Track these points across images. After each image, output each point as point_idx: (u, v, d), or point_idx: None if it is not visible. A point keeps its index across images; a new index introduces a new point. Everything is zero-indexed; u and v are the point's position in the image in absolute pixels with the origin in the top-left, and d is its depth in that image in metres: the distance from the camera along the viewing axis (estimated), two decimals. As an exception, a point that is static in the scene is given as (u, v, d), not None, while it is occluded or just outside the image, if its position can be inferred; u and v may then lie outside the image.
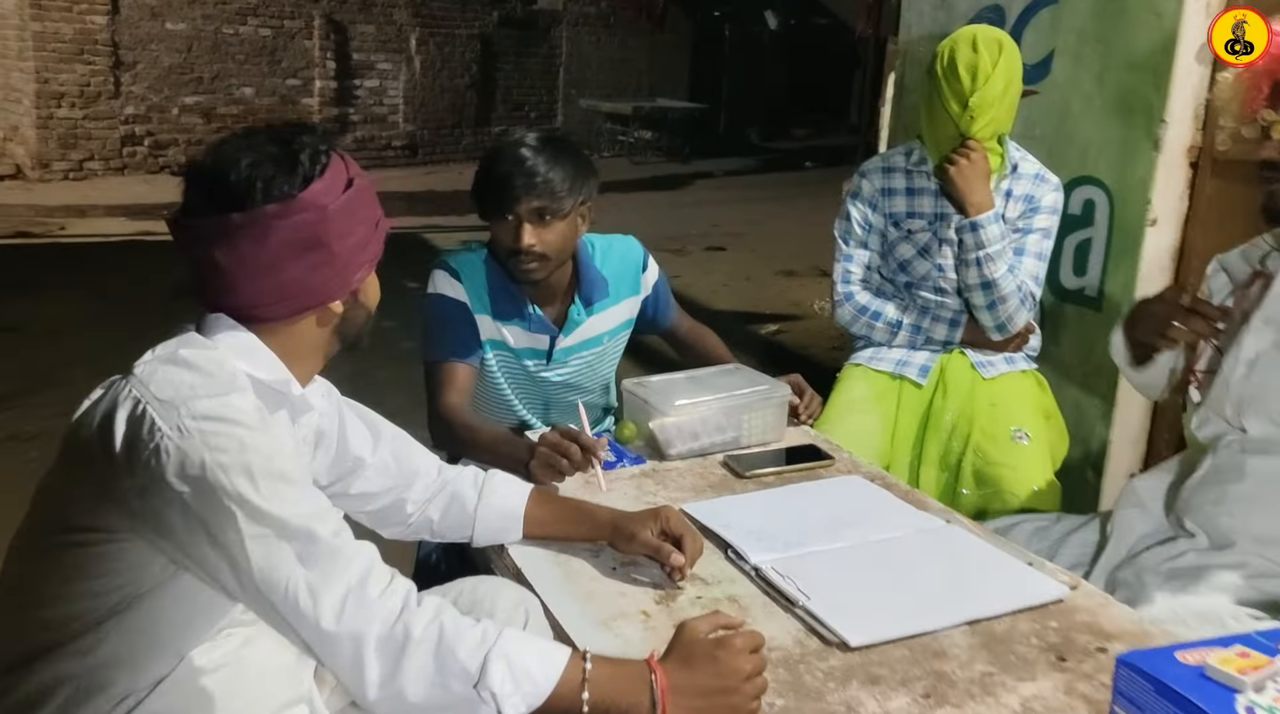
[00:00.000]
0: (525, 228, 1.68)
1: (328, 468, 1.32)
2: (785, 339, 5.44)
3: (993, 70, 2.00)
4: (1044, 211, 2.15)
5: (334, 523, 1.05)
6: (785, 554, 1.37)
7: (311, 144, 1.12)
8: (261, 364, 1.12)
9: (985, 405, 2.10)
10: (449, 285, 1.81)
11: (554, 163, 1.68)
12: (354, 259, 1.14)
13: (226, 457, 1.00)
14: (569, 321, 1.85)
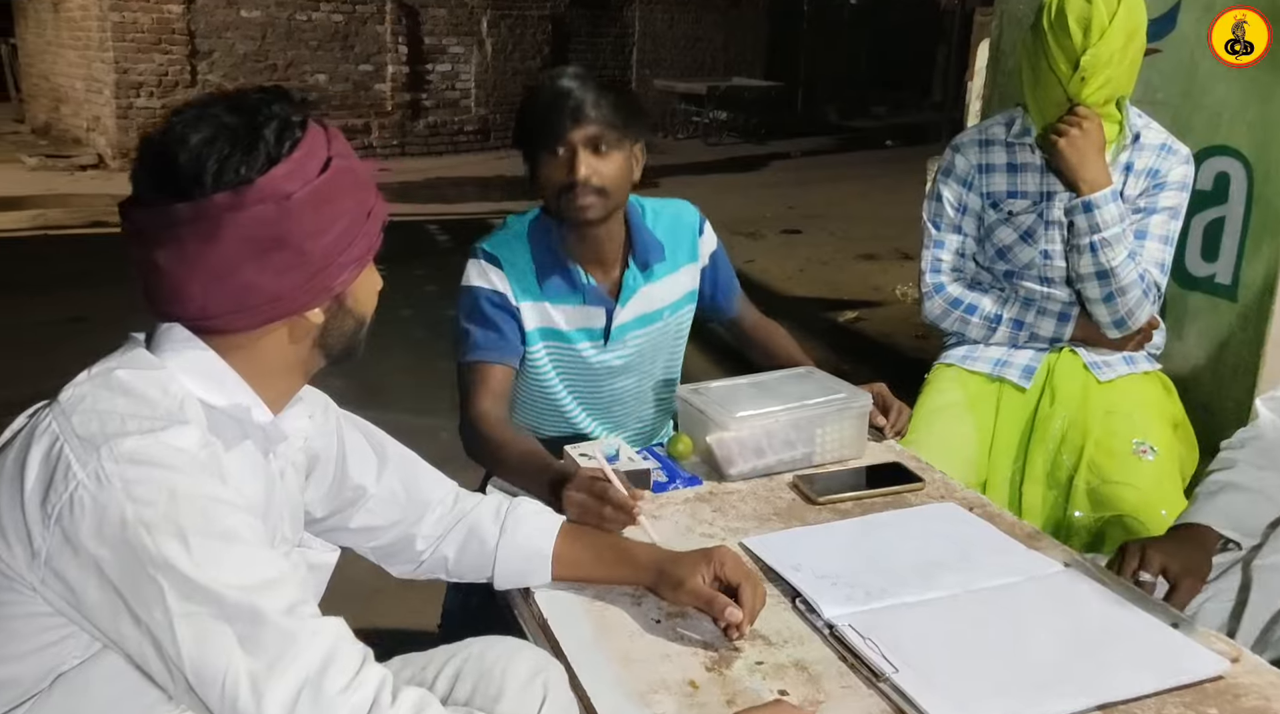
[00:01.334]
0: (580, 157, 1.50)
1: (323, 498, 1.14)
2: (865, 327, 5.17)
3: (1109, 23, 1.73)
4: (1171, 188, 1.87)
5: (289, 595, 0.84)
6: (867, 606, 1.13)
7: (280, 115, 0.92)
8: (217, 387, 0.94)
9: (1101, 413, 1.82)
10: (483, 275, 1.63)
11: (603, 90, 1.53)
12: (333, 259, 0.94)
13: (152, 511, 0.81)
14: (625, 289, 1.64)
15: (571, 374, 1.70)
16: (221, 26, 9.02)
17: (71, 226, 6.90)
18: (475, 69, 10.67)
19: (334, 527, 1.16)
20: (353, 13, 9.76)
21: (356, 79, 9.93)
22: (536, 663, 1.05)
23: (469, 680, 1.04)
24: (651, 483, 1.45)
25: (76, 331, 4.54)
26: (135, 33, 8.57)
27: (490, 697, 1.02)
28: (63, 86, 9.60)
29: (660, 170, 9.12)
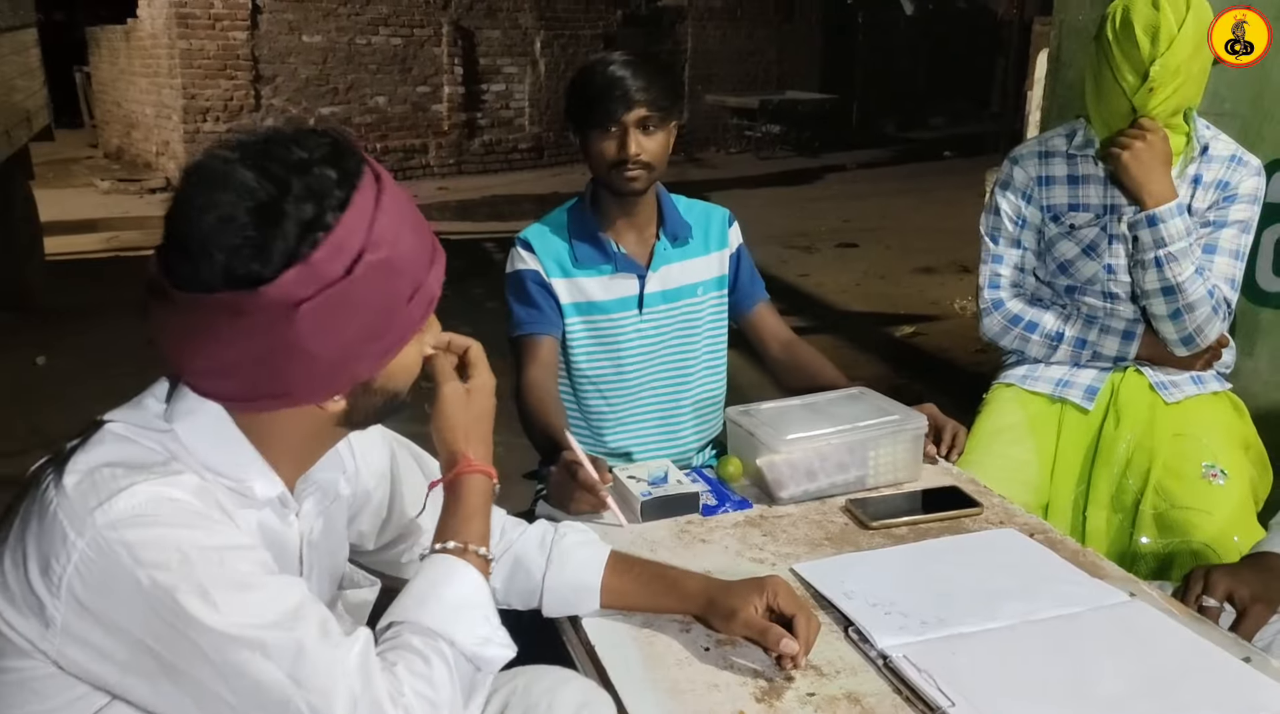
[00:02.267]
0: (631, 135, 1.68)
1: (374, 533, 1.14)
2: (923, 342, 5.09)
3: (1178, 31, 1.68)
4: (1241, 201, 1.81)
5: (316, 616, 0.84)
6: (922, 637, 1.10)
7: (318, 190, 0.81)
8: (222, 454, 0.89)
9: (1169, 435, 1.76)
10: (521, 259, 1.80)
11: (652, 76, 1.70)
12: (354, 354, 0.86)
13: (167, 575, 0.79)
14: (656, 257, 1.81)
15: (610, 349, 1.79)
16: (284, 52, 9.28)
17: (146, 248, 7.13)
18: (529, 88, 10.82)
19: (386, 560, 1.17)
20: (410, 36, 9.98)
21: (414, 100, 10.14)
22: (584, 695, 1.05)
23: (519, 705, 1.04)
24: (701, 506, 1.44)
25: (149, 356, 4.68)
26: (202, 59, 8.85)
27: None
28: (134, 113, 9.95)
29: (711, 184, 9.12)
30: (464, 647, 0.89)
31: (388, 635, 0.89)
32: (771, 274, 6.20)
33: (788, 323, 1.93)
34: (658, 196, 1.81)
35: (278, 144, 0.83)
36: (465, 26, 10.25)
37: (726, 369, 1.90)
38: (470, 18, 10.29)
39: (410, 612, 0.90)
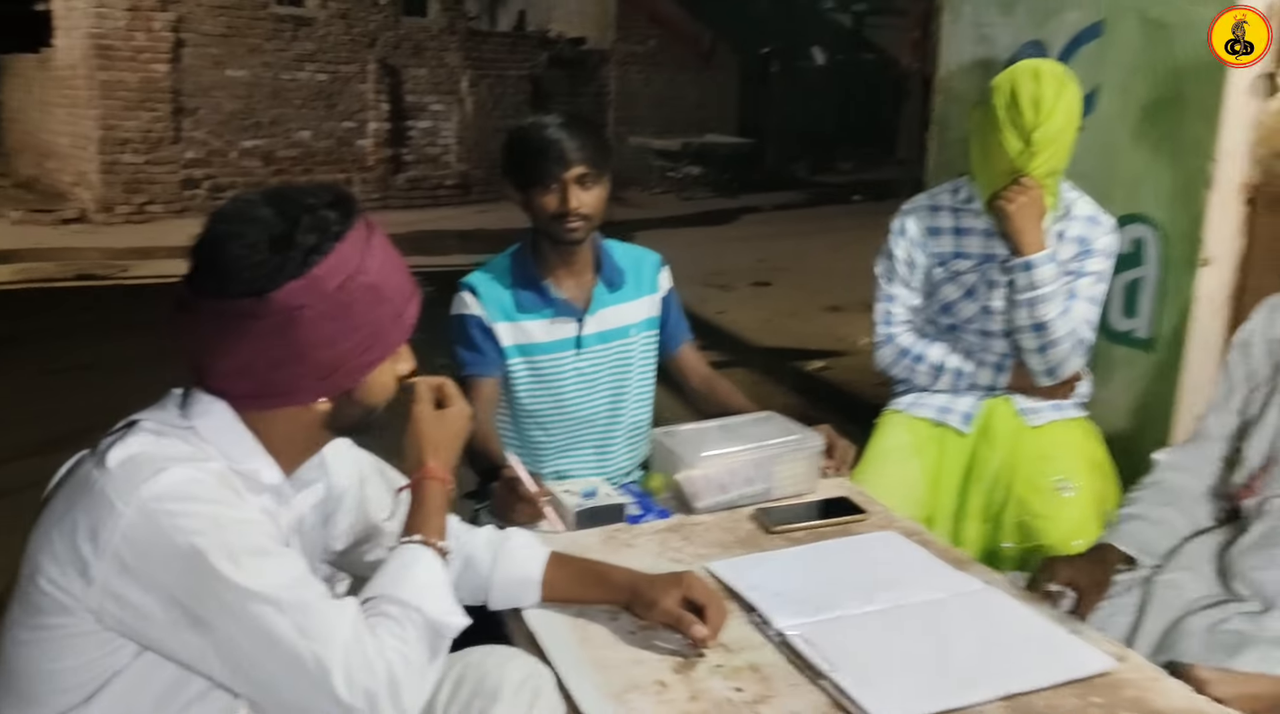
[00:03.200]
0: (571, 191, 1.81)
1: (344, 533, 1.30)
2: (830, 375, 5.36)
3: (1056, 104, 1.93)
4: (1098, 255, 2.06)
5: (318, 583, 1.03)
6: (813, 619, 1.31)
7: (321, 224, 1.03)
8: (233, 448, 1.08)
9: (1029, 455, 2.01)
10: (465, 304, 1.92)
11: (587, 134, 1.84)
12: (343, 363, 1.06)
13: (203, 539, 0.97)
14: (594, 301, 1.94)
15: (550, 386, 1.93)
16: (208, 86, 9.25)
17: (59, 279, 7.02)
18: (456, 126, 10.95)
19: (352, 560, 1.32)
20: (336, 72, 10.04)
21: (340, 135, 10.17)
22: (528, 669, 1.21)
23: (469, 684, 1.20)
24: (626, 515, 1.63)
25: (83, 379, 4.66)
26: (122, 91, 8.77)
27: (488, 697, 1.17)
28: (49, 142, 9.76)
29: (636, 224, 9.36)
30: (430, 615, 1.06)
31: (369, 606, 1.06)
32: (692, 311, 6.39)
33: (706, 357, 2.13)
34: (595, 244, 1.95)
35: (293, 191, 1.06)
36: (392, 64, 10.35)
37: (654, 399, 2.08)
38: (397, 56, 10.40)
39: (387, 587, 1.07)
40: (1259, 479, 1.42)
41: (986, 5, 2.76)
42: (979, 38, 2.79)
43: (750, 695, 1.17)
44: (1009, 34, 2.68)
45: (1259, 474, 1.42)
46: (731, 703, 1.15)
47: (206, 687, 1.04)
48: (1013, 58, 2.57)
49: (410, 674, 1.01)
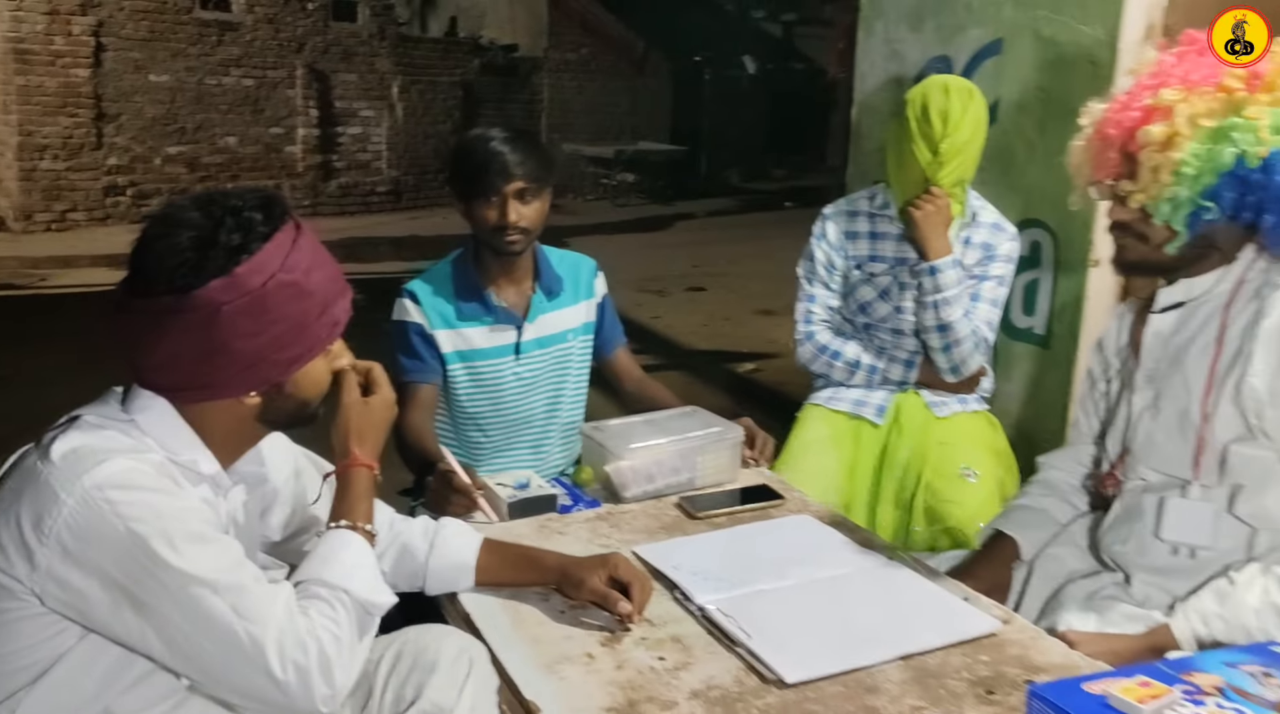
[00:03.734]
0: (511, 205, 1.86)
1: (282, 525, 1.35)
2: (761, 377, 5.51)
3: (963, 118, 2.06)
4: (1000, 260, 2.21)
5: (253, 567, 1.09)
6: (731, 594, 1.40)
7: (246, 225, 1.08)
8: (172, 440, 1.13)
9: (936, 444, 2.15)
10: (405, 311, 1.96)
11: (529, 149, 1.89)
12: (266, 357, 1.11)
13: (144, 526, 1.02)
14: (532, 308, 1.99)
15: (489, 390, 1.99)
16: (129, 91, 9.07)
17: (-26, 288, 6.82)
18: (387, 132, 10.89)
19: (292, 549, 1.37)
20: (263, 78, 9.91)
21: (267, 141, 10.04)
22: (463, 643, 1.28)
23: (408, 659, 1.26)
24: (558, 506, 1.72)
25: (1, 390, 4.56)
26: (41, 96, 8.55)
27: (426, 670, 1.24)
28: (-37, 148, 9.46)
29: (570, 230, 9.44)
30: (358, 595, 1.13)
31: (300, 589, 1.12)
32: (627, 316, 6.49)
33: (641, 361, 2.21)
34: (534, 253, 2.00)
35: (221, 195, 1.12)
36: (320, 69, 10.26)
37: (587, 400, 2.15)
38: (325, 61, 10.31)
39: (316, 571, 1.14)
40: (1118, 467, 1.57)
41: (897, 22, 2.92)
42: (891, 53, 2.95)
43: (672, 663, 1.26)
44: (918, 50, 2.84)
45: (1118, 463, 1.57)
46: (655, 670, 1.25)
47: (150, 668, 1.09)
48: (921, 72, 2.74)
49: (341, 652, 1.07)
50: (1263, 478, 1.40)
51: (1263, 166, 1.35)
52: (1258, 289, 1.43)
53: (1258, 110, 1.36)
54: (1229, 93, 1.37)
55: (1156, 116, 1.40)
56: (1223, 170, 1.36)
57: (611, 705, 1.17)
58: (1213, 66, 1.40)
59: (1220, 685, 0.96)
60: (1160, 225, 1.43)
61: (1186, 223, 1.41)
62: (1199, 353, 1.46)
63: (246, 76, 9.81)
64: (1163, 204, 1.41)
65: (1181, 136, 1.38)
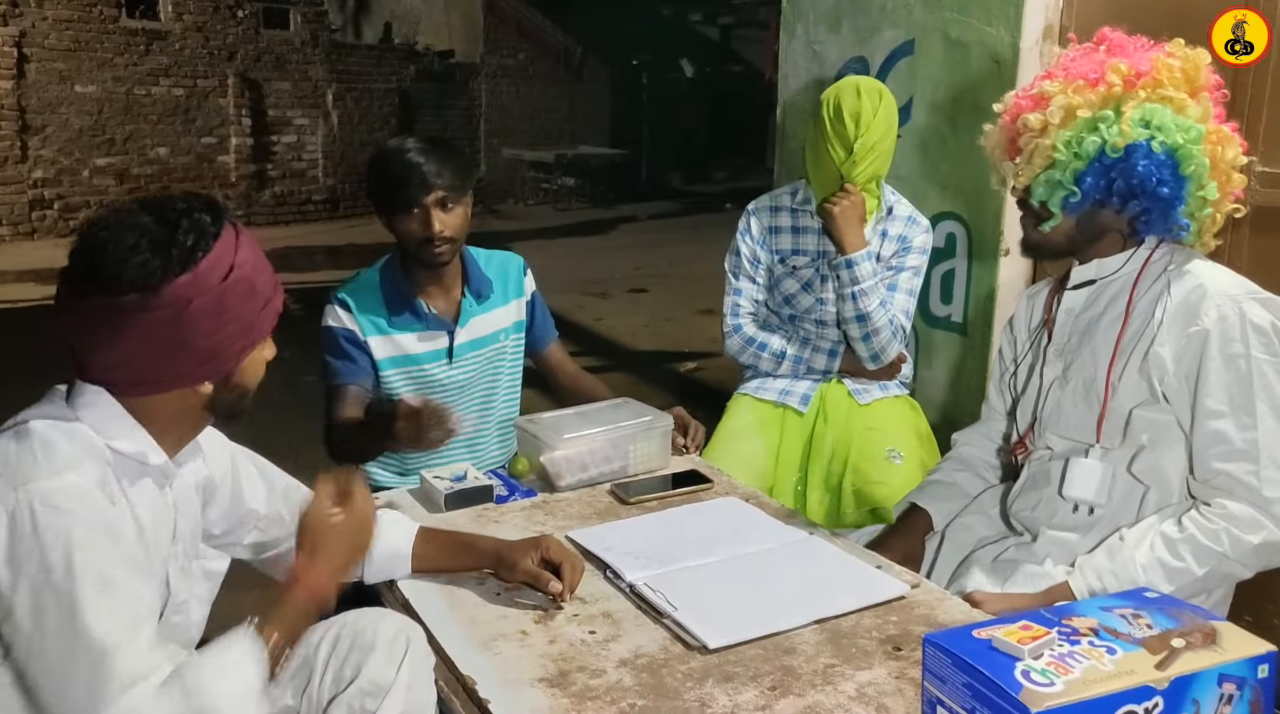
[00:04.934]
0: (434, 215, 1.86)
1: (221, 518, 1.38)
2: (704, 376, 5.59)
3: (874, 118, 2.15)
4: (915, 251, 2.31)
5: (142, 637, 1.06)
6: (659, 571, 1.47)
7: (198, 226, 1.12)
8: (119, 434, 1.15)
9: (861, 429, 2.25)
10: (337, 317, 1.97)
11: (445, 157, 1.89)
12: (222, 349, 1.16)
13: (54, 554, 1.03)
14: (463, 313, 2.01)
15: (423, 393, 1.99)
16: (55, 102, 8.87)
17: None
18: (322, 140, 10.78)
19: (230, 542, 1.40)
20: (194, 87, 9.76)
21: (199, 151, 9.89)
22: (400, 624, 1.33)
23: (347, 640, 1.30)
24: (495, 496, 1.77)
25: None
26: (-39, 108, 8.35)
27: (364, 650, 1.28)
28: (-120, 163, 9.16)
29: (511, 236, 9.45)
30: None
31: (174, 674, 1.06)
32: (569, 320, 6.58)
33: (583, 363, 2.26)
34: (461, 257, 2.02)
35: (166, 200, 1.16)
36: (252, 78, 10.13)
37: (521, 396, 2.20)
38: (258, 69, 10.18)
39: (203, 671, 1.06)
40: (1027, 436, 1.67)
41: (817, 24, 3.03)
42: (811, 54, 3.06)
43: (602, 636, 1.33)
44: (836, 51, 2.96)
45: (1027, 433, 1.68)
46: (585, 643, 1.31)
47: None
48: (840, 72, 2.85)
49: None
50: (1160, 438, 1.51)
51: (1124, 156, 1.46)
52: (1164, 269, 1.53)
53: (1134, 106, 1.46)
54: (1108, 87, 1.47)
55: (1039, 105, 1.51)
56: (1088, 158, 1.47)
57: (544, 676, 1.23)
58: (1100, 63, 1.50)
59: (1094, 626, 1.05)
60: (1038, 206, 1.54)
61: (1061, 205, 1.52)
62: (1107, 326, 1.56)
63: (176, 86, 9.65)
64: (1037, 186, 1.53)
65: (1053, 125, 1.49)
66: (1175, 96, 1.46)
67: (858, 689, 1.20)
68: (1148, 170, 1.44)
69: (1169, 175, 1.45)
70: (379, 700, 1.24)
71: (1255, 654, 1.02)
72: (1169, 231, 1.51)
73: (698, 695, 1.19)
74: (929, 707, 1.06)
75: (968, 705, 1.01)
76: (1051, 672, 0.98)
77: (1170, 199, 1.46)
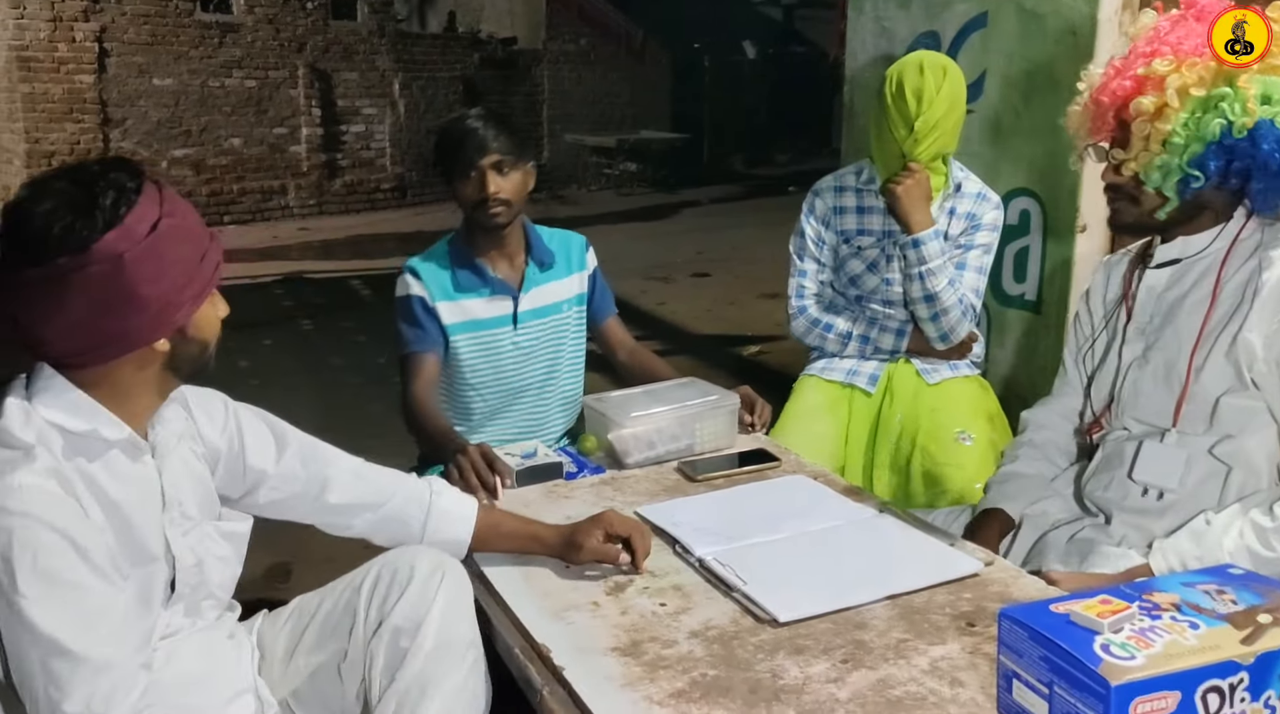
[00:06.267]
0: (489, 176, 1.95)
1: (228, 483, 1.38)
2: (768, 359, 5.57)
3: (937, 95, 2.12)
4: (985, 228, 2.27)
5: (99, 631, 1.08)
6: (728, 546, 1.48)
7: (116, 184, 1.10)
8: (74, 414, 1.15)
9: (928, 410, 2.22)
10: (408, 285, 2.06)
11: (500, 126, 1.99)
12: (171, 300, 1.14)
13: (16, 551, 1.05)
14: (526, 280, 2.08)
15: (491, 359, 2.08)
16: (134, 95, 9.16)
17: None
18: (389, 129, 10.96)
19: (248, 504, 1.41)
20: (265, 79, 9.98)
21: (271, 142, 10.12)
22: (437, 558, 1.35)
23: (386, 578, 1.33)
24: (564, 472, 1.80)
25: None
26: (46, 103, 8.65)
27: (401, 585, 1.31)
28: (-28, 157, 9.59)
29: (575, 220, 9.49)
30: None
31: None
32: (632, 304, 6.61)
33: (647, 347, 2.30)
34: (524, 229, 2.09)
35: (77, 166, 1.16)
36: (321, 69, 10.33)
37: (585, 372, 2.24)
38: (326, 60, 10.38)
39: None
40: (1104, 416, 1.64)
41: (886, 0, 2.98)
42: (880, 30, 3.01)
43: (673, 609, 1.34)
44: (906, 26, 2.91)
45: (1104, 412, 1.64)
46: (656, 615, 1.33)
47: None
48: (910, 48, 2.80)
49: None
50: (1248, 424, 1.46)
51: (1249, 136, 1.40)
52: (1254, 248, 1.48)
53: (1247, 79, 1.40)
54: (1219, 62, 1.41)
55: (1149, 87, 1.45)
56: (1210, 140, 1.42)
57: (617, 645, 1.25)
58: (1204, 34, 1.44)
59: (1176, 602, 1.03)
60: (1152, 192, 1.49)
61: (1177, 189, 1.47)
62: (1192, 308, 1.51)
63: (249, 77, 9.88)
64: (1154, 172, 1.47)
65: (1171, 108, 1.43)
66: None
67: (931, 663, 1.19)
68: (1273, 148, 1.39)
69: None
70: (413, 634, 1.27)
71: (1347, 632, 0.99)
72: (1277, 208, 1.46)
73: (769, 667, 1.19)
74: (1005, 680, 1.06)
75: (1045, 679, 1.00)
76: (1132, 645, 0.97)
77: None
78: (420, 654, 1.27)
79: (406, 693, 1.26)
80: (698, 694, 1.14)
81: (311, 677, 1.37)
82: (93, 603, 1.10)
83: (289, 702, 1.38)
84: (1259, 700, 0.97)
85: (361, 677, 1.32)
